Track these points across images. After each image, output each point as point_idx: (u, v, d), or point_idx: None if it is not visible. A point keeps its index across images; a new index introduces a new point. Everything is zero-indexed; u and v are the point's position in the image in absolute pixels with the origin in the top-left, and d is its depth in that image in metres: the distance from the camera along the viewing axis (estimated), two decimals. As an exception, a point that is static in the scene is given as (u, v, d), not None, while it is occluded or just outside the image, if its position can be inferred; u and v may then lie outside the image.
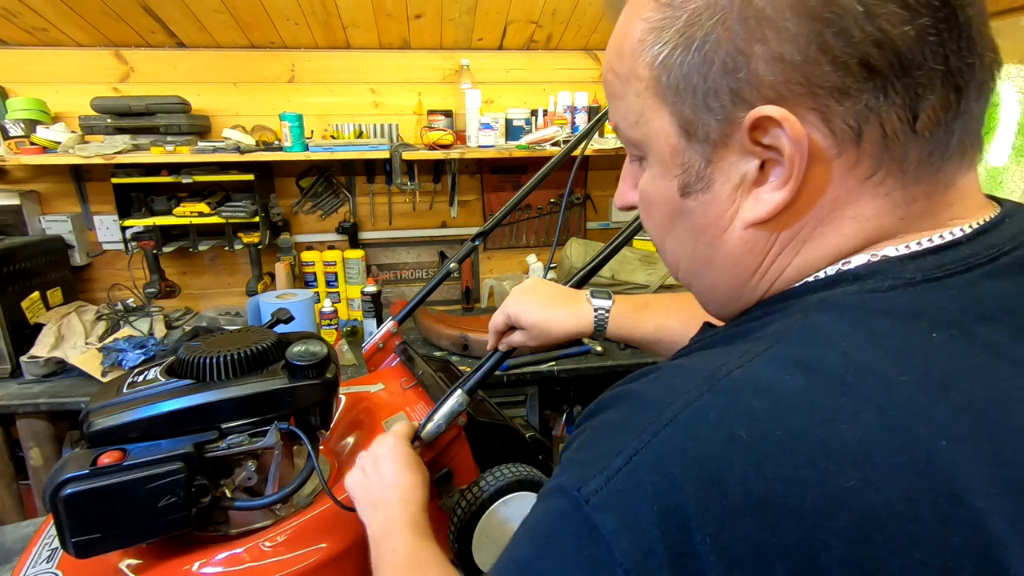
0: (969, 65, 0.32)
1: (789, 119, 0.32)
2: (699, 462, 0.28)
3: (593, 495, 0.30)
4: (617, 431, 0.33)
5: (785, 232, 0.36)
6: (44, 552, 0.75)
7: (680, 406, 0.31)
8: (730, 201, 0.37)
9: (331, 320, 1.95)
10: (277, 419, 0.73)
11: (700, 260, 0.42)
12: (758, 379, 0.30)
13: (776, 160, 0.34)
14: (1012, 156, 1.19)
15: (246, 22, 1.86)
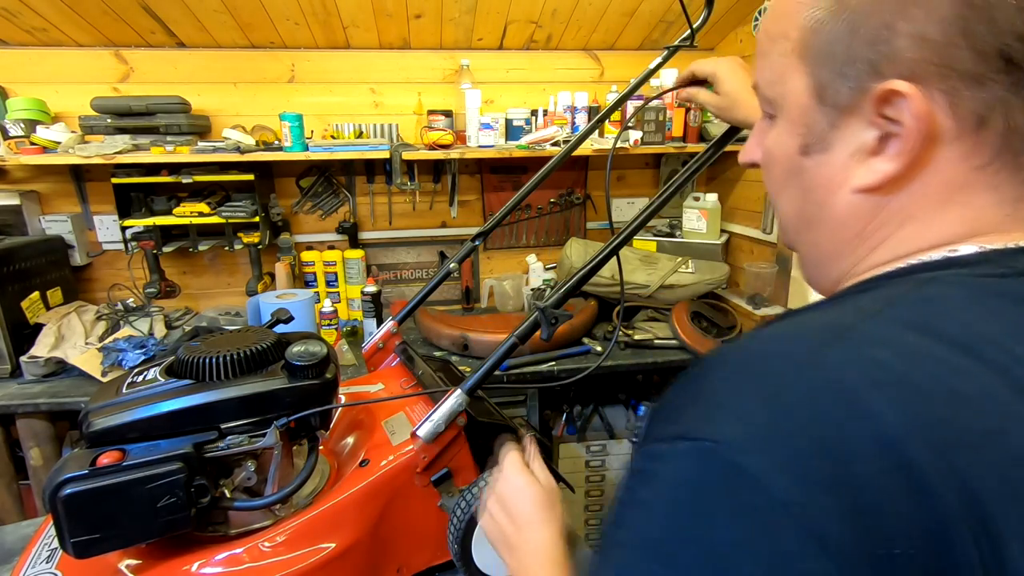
0: None
1: (916, 95, 0.34)
2: (844, 401, 0.29)
3: (736, 440, 0.30)
4: (744, 380, 0.33)
5: (891, 204, 0.38)
6: (44, 552, 0.75)
7: (811, 353, 0.32)
8: (844, 166, 0.39)
9: (331, 320, 1.95)
10: (276, 419, 0.73)
11: (806, 219, 0.44)
12: (879, 334, 0.32)
13: (895, 134, 0.36)
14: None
15: (246, 22, 1.86)
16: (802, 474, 0.28)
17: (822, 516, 0.27)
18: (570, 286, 0.83)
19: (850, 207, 0.40)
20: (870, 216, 0.39)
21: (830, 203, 0.41)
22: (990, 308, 0.33)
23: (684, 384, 0.36)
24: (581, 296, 2.05)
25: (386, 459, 0.80)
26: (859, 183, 0.38)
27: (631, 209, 2.45)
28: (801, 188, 0.43)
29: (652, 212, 0.85)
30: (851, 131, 0.38)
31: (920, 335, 0.31)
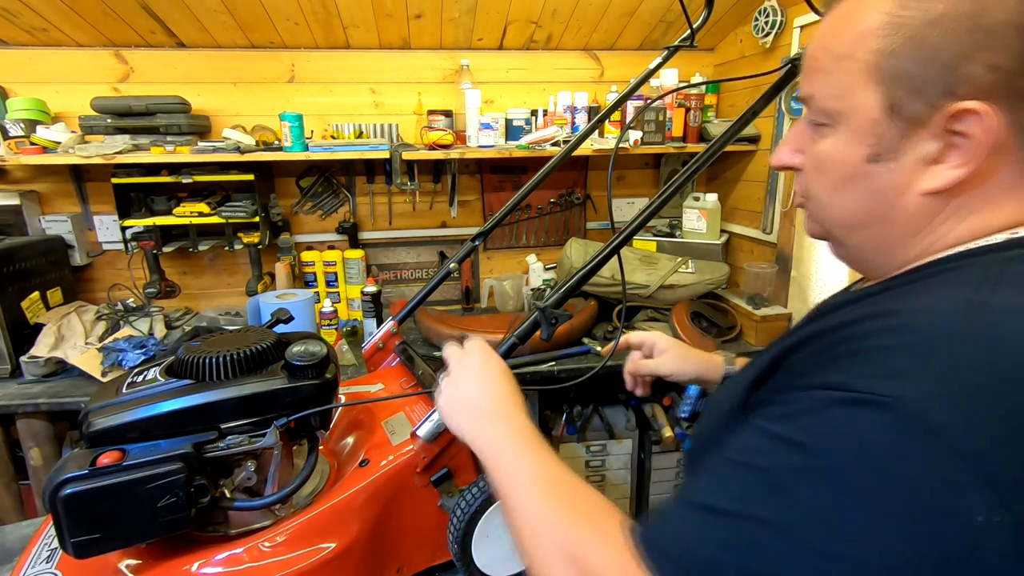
0: None
1: (989, 113, 0.41)
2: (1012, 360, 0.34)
3: (918, 399, 0.34)
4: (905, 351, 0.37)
5: (954, 202, 0.45)
6: (43, 552, 0.75)
7: (964, 323, 0.37)
8: (911, 172, 0.46)
9: (331, 320, 1.95)
10: (276, 419, 0.73)
11: (870, 217, 0.50)
12: (1011, 304, 0.37)
13: (957, 145, 0.43)
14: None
15: (246, 22, 1.86)
16: (984, 428, 0.32)
17: (999, 464, 0.32)
18: (570, 286, 0.83)
19: (918, 207, 0.46)
20: (935, 213, 0.46)
21: (899, 204, 0.47)
22: None
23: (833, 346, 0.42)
24: (581, 296, 2.05)
25: (386, 459, 0.80)
26: (927, 187, 0.45)
27: (631, 209, 2.45)
28: (867, 191, 0.48)
29: (652, 212, 0.85)
30: (919, 141, 0.44)
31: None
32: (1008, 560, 0.31)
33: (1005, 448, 0.32)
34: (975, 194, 0.45)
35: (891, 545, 0.32)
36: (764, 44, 1.93)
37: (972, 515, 0.31)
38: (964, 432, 0.32)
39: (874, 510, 0.33)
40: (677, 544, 0.40)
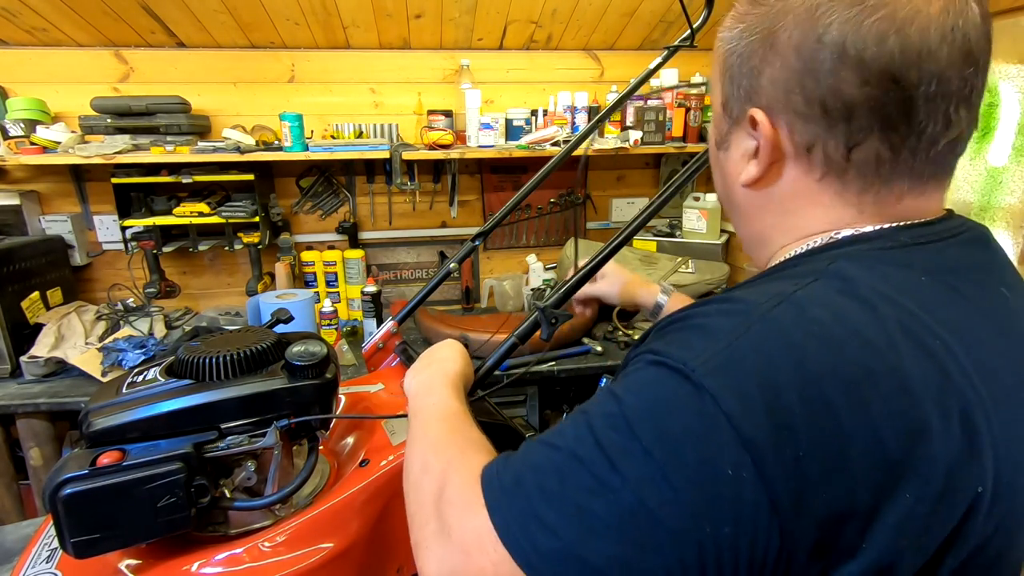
0: (905, 130, 0.44)
1: (765, 123, 0.47)
2: (787, 346, 0.39)
3: (700, 366, 0.39)
4: (710, 329, 0.42)
5: (772, 200, 0.51)
6: (44, 552, 0.75)
7: (765, 310, 0.41)
8: (736, 163, 0.52)
9: (331, 320, 1.95)
10: (276, 419, 0.73)
11: (725, 202, 0.58)
12: (816, 297, 0.42)
13: (760, 145, 0.49)
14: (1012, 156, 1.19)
15: (246, 22, 1.86)
16: (742, 397, 0.38)
17: (752, 427, 0.37)
18: (570, 286, 0.83)
19: (744, 199, 0.54)
20: (758, 208, 0.53)
21: (733, 191, 0.54)
22: (884, 275, 0.43)
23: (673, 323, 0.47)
24: (581, 296, 2.05)
25: (386, 459, 0.80)
26: (742, 179, 0.51)
27: (631, 209, 2.45)
28: (719, 174, 0.57)
29: (652, 212, 0.85)
30: (740, 137, 0.51)
31: (840, 295, 0.42)
32: (750, 508, 0.36)
33: (763, 418, 0.37)
34: (783, 196, 0.50)
35: (660, 485, 0.38)
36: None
37: (723, 467, 0.37)
38: (730, 399, 0.37)
39: (651, 453, 0.38)
40: (505, 469, 0.45)
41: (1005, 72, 1.20)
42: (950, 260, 0.46)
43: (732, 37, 0.50)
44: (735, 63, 0.49)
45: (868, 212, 0.48)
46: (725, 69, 0.51)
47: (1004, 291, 0.48)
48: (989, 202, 1.24)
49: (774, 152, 0.48)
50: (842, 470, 0.37)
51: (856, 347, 0.39)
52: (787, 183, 0.49)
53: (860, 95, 0.43)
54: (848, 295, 0.42)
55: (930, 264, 0.45)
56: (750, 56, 0.47)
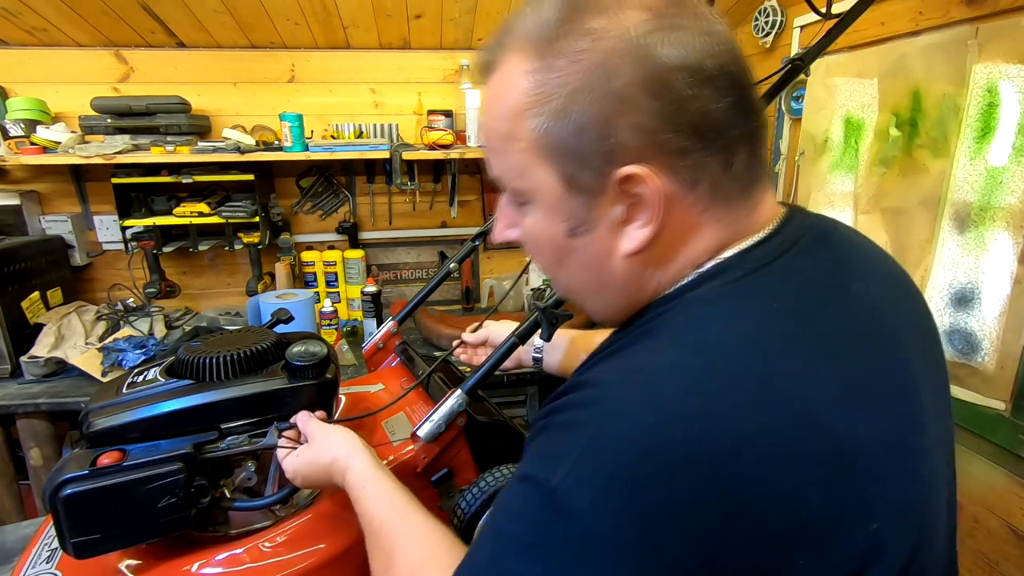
0: (756, 125, 0.45)
1: (650, 175, 0.42)
2: (641, 439, 0.36)
3: (560, 483, 0.37)
4: (571, 428, 0.40)
5: (655, 256, 0.46)
6: (44, 552, 0.75)
7: (616, 398, 0.39)
8: (610, 238, 0.46)
9: (331, 320, 1.95)
10: (277, 419, 0.73)
11: (592, 286, 0.51)
12: (666, 367, 0.40)
13: (639, 204, 0.44)
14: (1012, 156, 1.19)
15: (246, 22, 1.86)
16: (605, 509, 0.35)
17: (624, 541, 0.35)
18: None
19: (625, 269, 0.47)
20: (642, 269, 0.47)
21: (608, 270, 0.48)
22: (736, 313, 0.42)
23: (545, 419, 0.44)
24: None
25: (386, 459, 0.80)
26: (626, 249, 0.46)
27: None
28: (578, 264, 0.49)
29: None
30: (605, 209, 0.45)
31: (695, 354, 0.40)
32: None
33: (632, 528, 0.35)
34: (669, 244, 0.46)
35: None
36: (764, 44, 1.92)
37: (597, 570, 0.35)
38: (595, 516, 0.35)
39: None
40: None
41: (1005, 72, 1.20)
42: (796, 276, 0.45)
43: (543, 113, 0.43)
44: (568, 135, 0.43)
45: (736, 228, 0.46)
46: (547, 151, 0.44)
47: (858, 286, 0.46)
48: (989, 202, 1.24)
49: (664, 201, 0.43)
50: (726, 558, 0.35)
51: (712, 424, 0.36)
52: (673, 229, 0.45)
53: (722, 107, 0.42)
54: (701, 356, 0.39)
55: (778, 288, 0.44)
56: (593, 118, 0.42)
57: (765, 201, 0.48)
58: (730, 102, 0.42)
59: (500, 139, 0.47)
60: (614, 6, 0.42)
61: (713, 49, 0.42)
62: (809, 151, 1.75)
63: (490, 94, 0.48)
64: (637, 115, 0.41)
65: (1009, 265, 1.22)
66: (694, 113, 0.41)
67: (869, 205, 1.52)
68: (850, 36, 1.52)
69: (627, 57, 0.41)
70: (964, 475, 1.36)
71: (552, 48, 0.43)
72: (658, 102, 0.41)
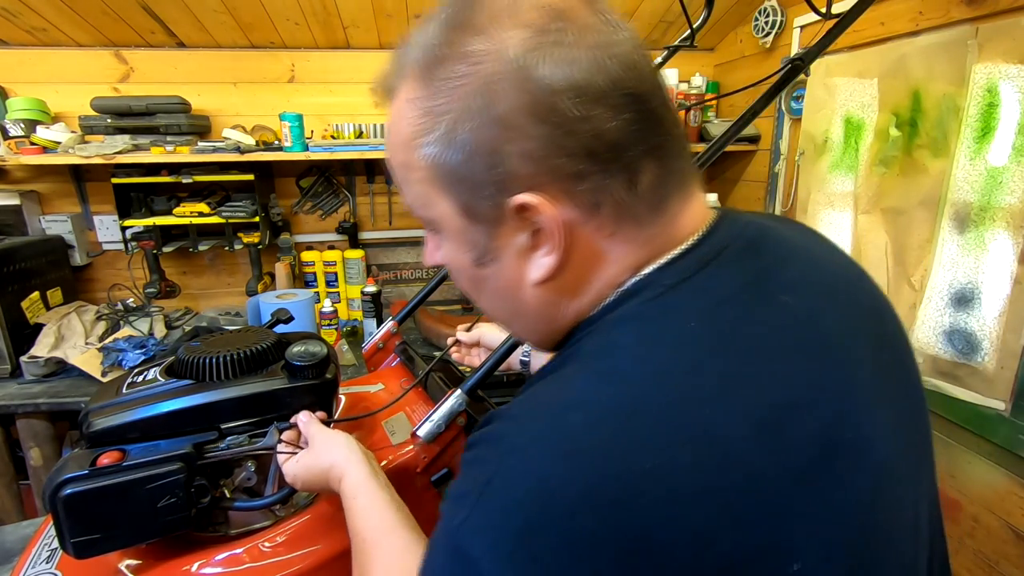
0: (663, 138, 0.41)
1: (543, 204, 0.40)
2: (535, 479, 0.34)
3: (462, 526, 0.36)
4: (476, 465, 0.38)
5: (568, 282, 0.44)
6: (44, 552, 0.75)
7: (517, 435, 0.37)
8: (517, 267, 0.44)
9: (331, 320, 1.95)
10: (277, 419, 0.73)
11: (509, 313, 0.50)
12: (571, 401, 0.38)
13: (541, 231, 0.42)
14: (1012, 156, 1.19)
15: (246, 22, 1.86)
16: (500, 554, 0.34)
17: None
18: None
19: (538, 297, 0.45)
20: (557, 296, 0.45)
21: (521, 299, 0.46)
22: (651, 337, 0.39)
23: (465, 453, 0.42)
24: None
25: (386, 459, 0.80)
26: (534, 278, 0.44)
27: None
28: (491, 292, 0.48)
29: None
30: (508, 238, 0.43)
31: (606, 383, 0.37)
32: None
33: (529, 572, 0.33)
34: (580, 269, 0.43)
35: None
36: (764, 44, 1.93)
37: None
38: (492, 563, 0.34)
39: None
40: None
41: (1005, 72, 1.20)
42: (718, 290, 0.41)
43: (434, 141, 0.41)
44: (459, 163, 0.41)
45: (654, 244, 0.43)
46: (442, 181, 0.43)
47: (787, 298, 0.42)
48: (989, 202, 1.24)
49: (564, 228, 0.41)
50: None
51: (612, 461, 0.33)
52: (581, 254, 0.43)
53: (618, 125, 0.39)
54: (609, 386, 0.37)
55: (697, 304, 0.41)
56: (478, 147, 0.40)
57: (688, 211, 0.45)
58: (628, 119, 0.39)
59: (400, 168, 0.46)
60: (492, 25, 0.39)
61: (604, 63, 0.38)
62: (809, 151, 1.75)
63: (388, 123, 0.47)
64: (524, 142, 0.39)
65: (1009, 265, 1.22)
66: (586, 135, 0.39)
67: (869, 205, 1.52)
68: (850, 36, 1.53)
69: (507, 81, 0.38)
70: (964, 475, 1.36)
71: (434, 74, 0.41)
72: (545, 126, 0.38)
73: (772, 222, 0.51)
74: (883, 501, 0.40)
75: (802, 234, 0.52)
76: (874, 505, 0.39)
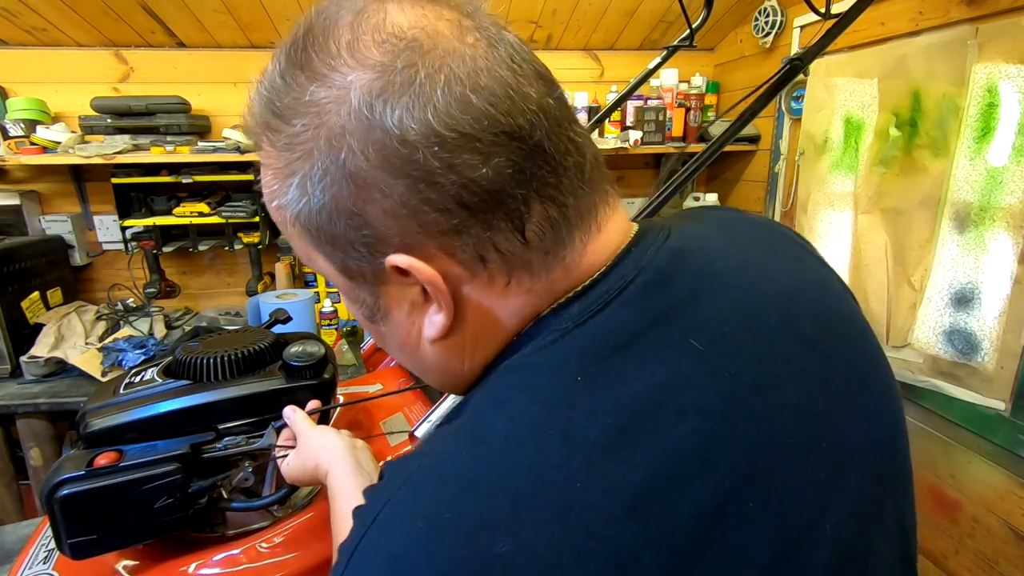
0: (554, 175, 0.36)
1: (415, 265, 0.35)
2: (388, 558, 0.31)
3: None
4: (352, 530, 0.35)
5: (465, 337, 0.40)
6: (41, 553, 0.75)
7: (383, 505, 0.33)
8: (411, 323, 0.41)
9: (331, 320, 1.95)
10: (274, 420, 0.73)
11: (415, 366, 0.46)
12: (440, 465, 0.34)
13: (427, 289, 0.38)
14: (1012, 156, 1.19)
15: (246, 22, 1.86)
16: None
17: None
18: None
19: (438, 353, 0.42)
20: (457, 350, 0.41)
21: (420, 355, 0.43)
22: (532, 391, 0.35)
23: None
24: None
25: (383, 459, 0.80)
26: (429, 335, 0.40)
27: (631, 209, 2.44)
28: (392, 347, 0.45)
29: (652, 212, 0.85)
30: (394, 295, 0.39)
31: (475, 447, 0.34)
32: None
33: None
34: (477, 324, 0.40)
35: None
36: (764, 44, 1.92)
37: None
38: None
39: None
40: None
41: (1005, 72, 1.20)
42: (613, 335, 0.36)
43: (291, 200, 0.37)
44: (324, 223, 0.36)
45: (556, 289, 0.39)
46: (313, 239, 0.38)
47: (693, 342, 0.36)
48: (989, 202, 1.24)
49: (449, 286, 0.37)
50: None
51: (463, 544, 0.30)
52: (475, 310, 0.39)
53: (493, 170, 0.34)
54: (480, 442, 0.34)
55: (588, 352, 0.35)
56: (336, 207, 0.35)
57: (596, 242, 0.40)
58: (502, 163, 0.34)
59: (279, 224, 0.41)
60: (335, 68, 0.34)
61: (466, 101, 0.33)
62: (809, 151, 1.75)
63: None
64: (384, 200, 0.34)
65: (1009, 265, 1.22)
66: (453, 187, 0.34)
67: (869, 205, 1.52)
68: (850, 36, 1.52)
69: (354, 134, 0.33)
70: (964, 475, 1.36)
71: (280, 130, 0.36)
72: (405, 181, 0.34)
73: (700, 234, 0.45)
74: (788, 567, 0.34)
75: (744, 244, 0.46)
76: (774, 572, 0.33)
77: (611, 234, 0.41)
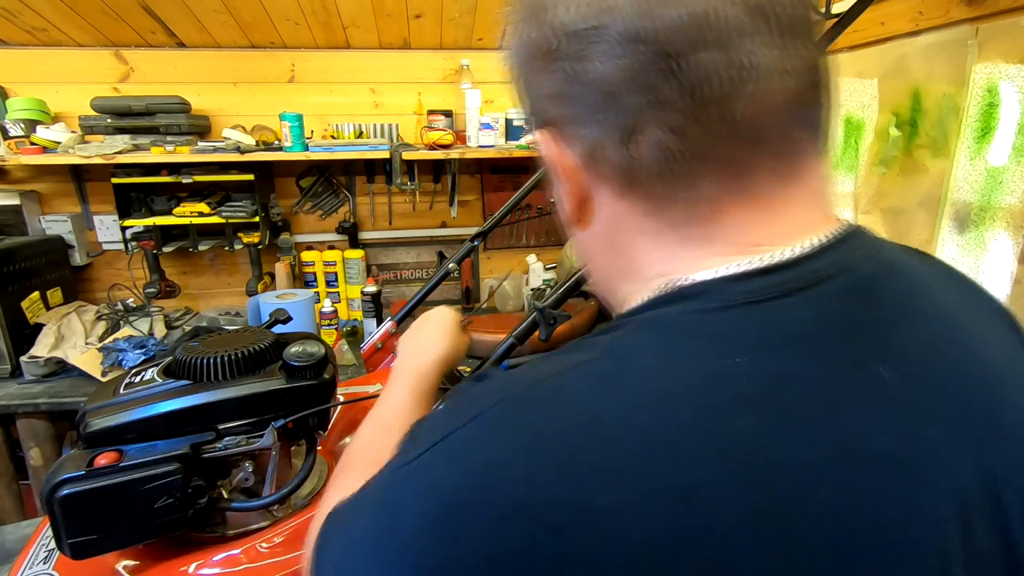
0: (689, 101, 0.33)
1: (544, 138, 0.40)
2: (482, 462, 0.30)
3: (399, 470, 0.34)
4: (439, 421, 0.35)
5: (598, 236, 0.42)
6: (41, 553, 0.75)
7: (484, 407, 0.33)
8: (562, 200, 0.43)
9: (331, 320, 1.95)
10: (274, 420, 0.73)
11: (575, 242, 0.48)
12: (563, 390, 0.32)
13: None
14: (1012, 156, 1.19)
15: (246, 22, 1.86)
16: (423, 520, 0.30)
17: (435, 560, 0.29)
18: (569, 286, 0.83)
19: (583, 240, 0.44)
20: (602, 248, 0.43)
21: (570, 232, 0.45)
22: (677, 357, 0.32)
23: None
24: (582, 296, 2.05)
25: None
26: (564, 218, 0.43)
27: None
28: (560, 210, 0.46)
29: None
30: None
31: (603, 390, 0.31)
32: None
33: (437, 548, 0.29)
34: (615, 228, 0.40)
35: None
36: (764, 44, 1.92)
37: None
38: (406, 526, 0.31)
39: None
40: None
41: (1005, 72, 1.20)
42: (792, 328, 0.32)
43: (509, 55, 0.42)
44: (519, 82, 0.42)
45: (702, 244, 0.36)
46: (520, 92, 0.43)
47: (880, 369, 0.31)
48: (989, 202, 1.24)
49: (568, 175, 0.39)
50: None
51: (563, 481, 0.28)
52: (604, 211, 0.40)
53: (611, 68, 0.33)
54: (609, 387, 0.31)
55: (758, 334, 0.32)
56: (521, 75, 0.41)
57: (786, 206, 0.36)
58: (624, 64, 0.33)
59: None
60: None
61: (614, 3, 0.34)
62: (809, 151, 1.75)
63: None
64: (536, 83, 0.39)
65: (1009, 265, 1.22)
66: (584, 76, 0.35)
67: (869, 205, 1.52)
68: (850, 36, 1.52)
69: (529, 22, 0.38)
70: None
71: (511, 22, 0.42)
72: (553, 64, 0.37)
73: (910, 258, 0.41)
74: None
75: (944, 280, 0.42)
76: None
77: (802, 207, 0.36)
